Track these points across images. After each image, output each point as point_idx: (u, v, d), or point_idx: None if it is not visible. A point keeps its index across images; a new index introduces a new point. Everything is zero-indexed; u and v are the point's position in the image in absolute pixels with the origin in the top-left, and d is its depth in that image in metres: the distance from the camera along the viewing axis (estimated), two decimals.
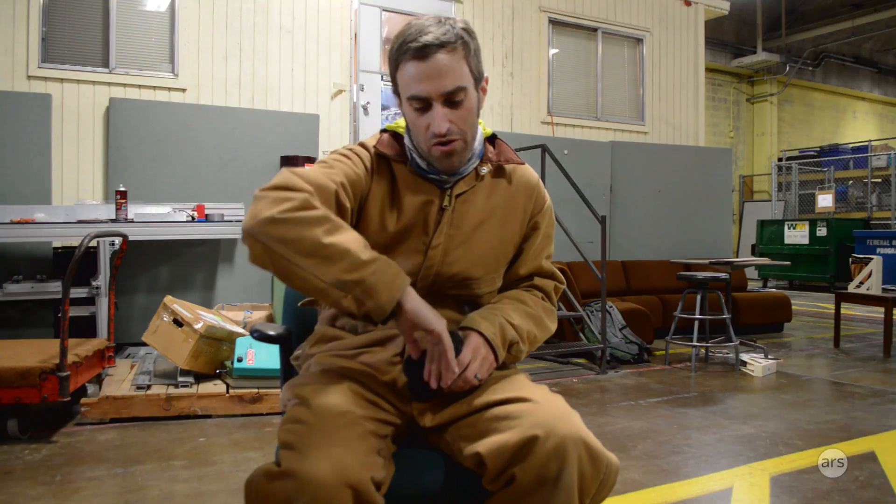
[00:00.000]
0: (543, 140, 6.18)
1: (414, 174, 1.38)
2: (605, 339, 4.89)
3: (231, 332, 3.81)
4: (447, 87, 1.26)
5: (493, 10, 7.39)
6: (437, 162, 1.33)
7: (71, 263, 3.12)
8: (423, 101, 1.28)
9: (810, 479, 2.73)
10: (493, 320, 1.34)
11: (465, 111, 1.30)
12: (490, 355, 1.31)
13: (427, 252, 1.36)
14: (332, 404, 1.22)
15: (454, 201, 1.38)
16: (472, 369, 1.27)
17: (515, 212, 1.44)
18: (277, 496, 1.09)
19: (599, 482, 1.20)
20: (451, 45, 1.25)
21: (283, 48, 6.28)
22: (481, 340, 1.31)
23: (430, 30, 1.25)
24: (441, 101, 1.27)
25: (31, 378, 3.02)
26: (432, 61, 1.25)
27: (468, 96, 1.29)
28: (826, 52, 16.88)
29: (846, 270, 9.26)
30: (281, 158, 5.73)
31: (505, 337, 1.34)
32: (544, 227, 1.49)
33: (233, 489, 2.58)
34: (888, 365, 5.20)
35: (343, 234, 1.17)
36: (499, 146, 1.46)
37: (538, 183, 1.50)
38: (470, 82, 1.30)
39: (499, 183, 1.44)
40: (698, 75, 8.78)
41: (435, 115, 1.27)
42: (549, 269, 1.52)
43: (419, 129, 1.31)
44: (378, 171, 1.38)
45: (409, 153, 1.38)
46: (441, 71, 1.25)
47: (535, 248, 1.49)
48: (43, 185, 5.13)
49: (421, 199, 1.37)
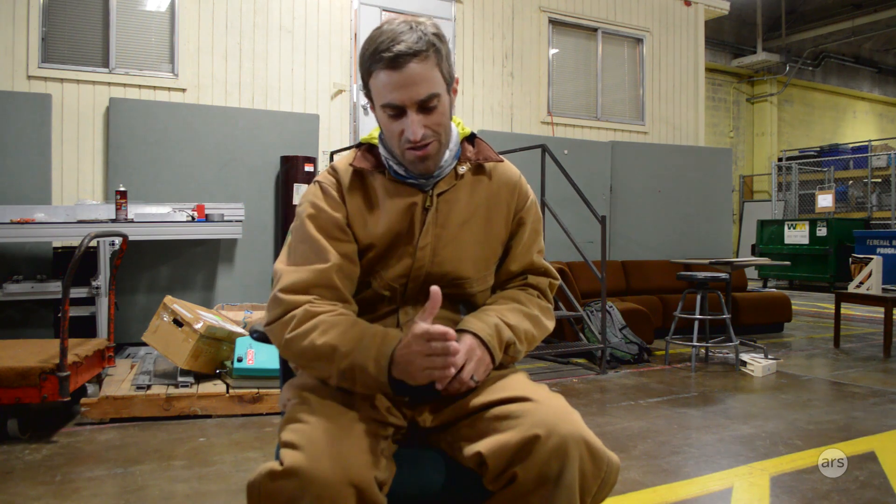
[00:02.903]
0: (543, 140, 6.19)
1: (393, 181, 1.39)
2: (605, 339, 4.89)
3: (231, 332, 3.81)
4: (421, 95, 1.27)
5: (493, 10, 7.39)
6: (412, 166, 1.34)
7: (71, 263, 3.12)
8: (396, 109, 1.29)
9: (810, 479, 2.73)
10: (487, 321, 1.34)
11: (438, 115, 1.31)
12: (486, 357, 1.31)
13: (416, 253, 1.37)
14: (334, 404, 1.23)
15: (436, 200, 1.38)
16: (467, 371, 1.26)
17: (499, 209, 1.45)
18: (281, 496, 1.08)
19: (601, 481, 1.20)
20: (423, 54, 1.26)
21: (283, 48, 6.28)
22: (476, 342, 1.30)
23: (402, 38, 1.25)
24: (415, 109, 1.28)
25: (31, 378, 3.02)
26: (406, 71, 1.25)
27: (441, 101, 1.30)
28: (826, 52, 16.89)
29: (846, 270, 9.27)
30: (281, 158, 5.73)
31: (501, 338, 1.34)
32: (530, 222, 1.49)
33: (233, 489, 2.58)
34: (888, 365, 5.20)
35: (332, 332, 1.25)
36: (478, 145, 1.47)
37: (520, 179, 1.50)
38: (443, 87, 1.31)
39: (480, 181, 1.44)
40: (698, 75, 8.78)
41: (409, 122, 1.28)
42: (542, 266, 1.51)
43: (393, 134, 1.32)
44: (351, 189, 1.39)
45: (386, 161, 1.39)
46: (415, 80, 1.26)
47: (523, 244, 1.48)
48: (43, 185, 5.13)
49: (403, 202, 1.37)
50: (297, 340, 1.26)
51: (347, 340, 1.23)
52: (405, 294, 1.39)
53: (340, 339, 1.23)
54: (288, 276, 1.32)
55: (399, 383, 1.21)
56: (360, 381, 1.23)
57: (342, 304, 1.32)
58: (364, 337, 1.24)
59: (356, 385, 1.24)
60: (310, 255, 1.33)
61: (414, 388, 1.22)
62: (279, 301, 1.30)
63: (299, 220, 1.38)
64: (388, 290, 1.39)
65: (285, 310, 1.29)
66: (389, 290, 1.39)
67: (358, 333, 1.25)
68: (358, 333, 1.25)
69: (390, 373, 1.21)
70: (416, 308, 1.39)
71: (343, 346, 1.23)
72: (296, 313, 1.28)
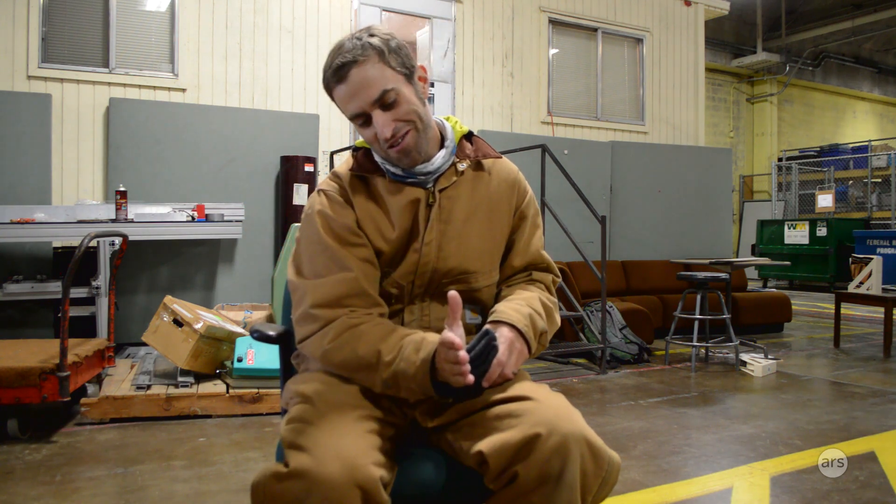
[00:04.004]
0: (543, 140, 6.18)
1: (394, 182, 1.40)
2: (605, 339, 4.89)
3: (231, 332, 3.81)
4: (373, 95, 1.29)
5: (493, 10, 7.39)
6: (400, 162, 1.35)
7: (71, 263, 3.12)
8: (362, 116, 1.32)
9: (810, 479, 2.73)
10: (522, 311, 1.37)
11: (404, 106, 1.32)
12: (524, 349, 1.34)
13: (421, 249, 1.38)
14: (336, 403, 1.23)
15: (439, 196, 1.40)
16: (509, 367, 1.30)
17: (500, 204, 1.47)
18: (287, 497, 1.08)
19: (601, 480, 1.20)
20: (362, 58, 1.29)
21: (283, 48, 6.28)
22: (515, 334, 1.33)
23: (342, 51, 1.30)
24: (377, 109, 1.30)
25: (31, 378, 3.02)
26: (351, 78, 1.29)
27: (401, 93, 1.31)
28: (826, 52, 16.89)
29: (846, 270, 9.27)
30: (281, 158, 5.73)
31: (535, 328, 1.37)
32: (531, 216, 1.52)
33: (233, 489, 2.58)
34: (888, 365, 5.20)
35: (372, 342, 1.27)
36: (476, 142, 1.49)
37: (518, 174, 1.52)
38: (398, 80, 1.31)
39: (480, 177, 1.46)
40: (698, 75, 8.78)
41: (376, 123, 1.31)
42: (545, 260, 1.54)
43: (371, 140, 1.35)
44: (355, 193, 1.40)
45: (382, 164, 1.40)
46: (362, 84, 1.29)
47: (525, 237, 1.51)
48: (43, 185, 5.13)
49: (407, 201, 1.38)
50: (336, 352, 1.29)
51: (388, 350, 1.26)
52: (412, 292, 1.40)
53: (381, 349, 1.26)
54: (316, 291, 1.32)
55: (442, 385, 1.23)
56: (404, 387, 1.25)
57: (376, 309, 1.34)
58: (404, 346, 1.26)
59: (401, 391, 1.26)
60: (330, 265, 1.33)
61: (457, 390, 1.24)
62: (314, 317, 1.31)
63: (311, 230, 1.38)
64: (395, 288, 1.40)
65: (322, 325, 1.31)
66: (397, 288, 1.40)
67: (397, 341, 1.27)
68: (397, 341, 1.27)
69: (433, 377, 1.23)
70: (421, 306, 1.41)
71: (385, 355, 1.25)
72: (333, 325, 1.30)
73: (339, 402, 1.23)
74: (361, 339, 1.28)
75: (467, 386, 1.23)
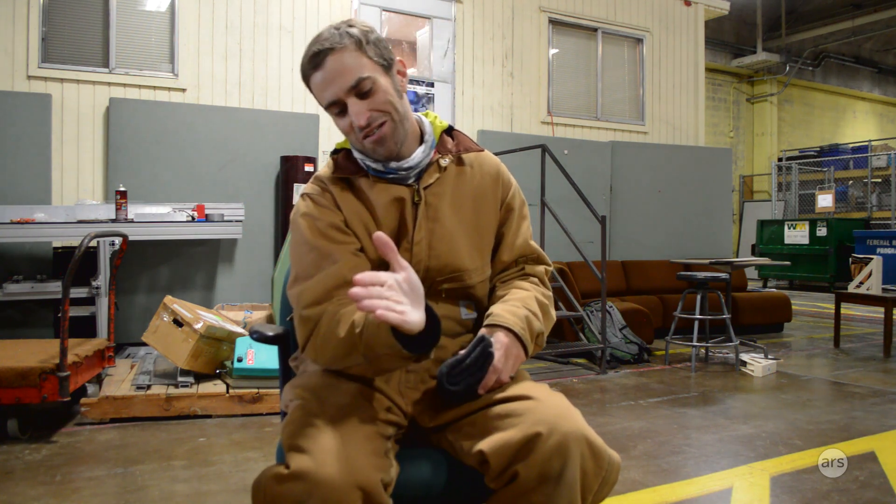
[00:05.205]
0: (543, 140, 6.19)
1: (376, 180, 1.39)
2: (605, 339, 4.89)
3: (231, 332, 3.81)
4: (349, 82, 1.29)
5: (493, 10, 7.39)
6: (375, 153, 1.35)
7: (71, 263, 3.12)
8: (337, 105, 1.31)
9: (810, 479, 2.73)
10: (517, 313, 1.35)
11: (381, 95, 1.31)
12: (521, 353, 1.34)
13: (412, 248, 1.37)
14: (336, 404, 1.23)
15: (424, 194, 1.39)
16: (505, 372, 1.30)
17: (486, 198, 1.46)
18: (287, 498, 1.08)
19: (602, 479, 1.20)
20: (339, 46, 1.29)
21: (283, 48, 6.28)
22: (511, 339, 1.32)
23: (320, 39, 1.30)
24: (352, 97, 1.30)
25: (31, 378, 3.02)
26: (327, 65, 1.29)
27: (377, 83, 1.31)
28: (826, 52, 16.89)
29: (846, 270, 9.27)
30: (281, 158, 5.73)
31: (532, 330, 1.36)
32: (517, 207, 1.51)
33: (233, 489, 2.58)
34: (888, 365, 5.20)
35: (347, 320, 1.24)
36: (457, 136, 1.48)
37: (500, 166, 1.52)
38: (375, 70, 1.31)
39: (463, 171, 1.45)
40: (698, 75, 8.78)
41: (351, 111, 1.30)
42: (536, 251, 1.52)
43: (347, 131, 1.34)
44: (340, 195, 1.39)
45: (363, 162, 1.40)
46: (338, 71, 1.29)
47: (514, 230, 1.49)
48: (43, 185, 5.13)
49: (391, 200, 1.38)
50: (325, 345, 1.26)
51: (359, 321, 1.22)
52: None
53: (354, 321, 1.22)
54: (305, 293, 1.31)
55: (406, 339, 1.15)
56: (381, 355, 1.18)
57: None
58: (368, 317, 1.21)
59: (381, 362, 1.20)
60: (319, 262, 1.33)
61: (453, 392, 1.24)
62: (306, 319, 1.30)
63: (297, 234, 1.37)
64: None
65: (313, 325, 1.29)
66: None
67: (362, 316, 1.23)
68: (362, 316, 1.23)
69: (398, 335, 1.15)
70: None
71: (357, 326, 1.21)
72: (321, 321, 1.28)
73: (339, 403, 1.23)
74: (341, 321, 1.25)
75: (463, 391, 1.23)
